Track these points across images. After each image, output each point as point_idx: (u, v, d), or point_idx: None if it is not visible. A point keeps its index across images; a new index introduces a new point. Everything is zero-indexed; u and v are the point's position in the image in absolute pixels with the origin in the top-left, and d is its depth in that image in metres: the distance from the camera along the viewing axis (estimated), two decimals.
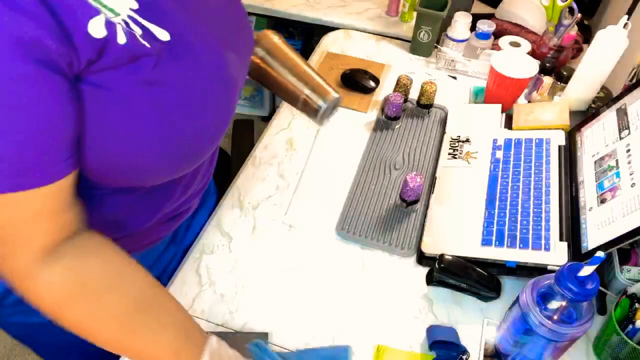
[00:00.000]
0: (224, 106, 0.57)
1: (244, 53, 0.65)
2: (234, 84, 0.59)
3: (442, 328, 0.70)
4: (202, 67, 0.52)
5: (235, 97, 0.60)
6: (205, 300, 0.73)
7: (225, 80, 0.56)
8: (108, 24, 0.42)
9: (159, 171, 0.55)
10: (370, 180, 0.90)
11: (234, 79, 0.58)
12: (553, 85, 1.05)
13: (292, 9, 1.52)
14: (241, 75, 0.63)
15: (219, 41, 0.55)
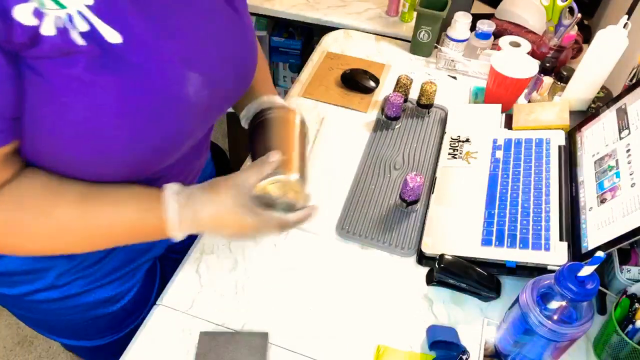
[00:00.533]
0: (171, 125, 0.54)
1: (231, 76, 0.62)
2: (192, 105, 0.55)
3: (442, 328, 0.70)
4: (148, 80, 0.49)
5: (193, 117, 0.57)
6: (205, 300, 0.73)
7: (178, 99, 0.52)
8: (37, 13, 0.41)
9: (97, 175, 0.55)
10: (370, 180, 0.90)
11: (194, 100, 0.54)
12: (553, 85, 1.05)
13: (292, 9, 1.52)
14: (216, 97, 0.60)
15: (182, 60, 0.52)
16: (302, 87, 1.10)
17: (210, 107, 0.59)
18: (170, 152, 0.58)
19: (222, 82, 0.59)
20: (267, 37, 1.89)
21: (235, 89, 0.65)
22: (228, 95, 0.64)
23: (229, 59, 0.60)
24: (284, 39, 1.90)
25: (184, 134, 0.57)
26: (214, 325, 0.70)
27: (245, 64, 0.65)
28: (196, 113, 0.57)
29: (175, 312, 0.72)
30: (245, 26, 0.64)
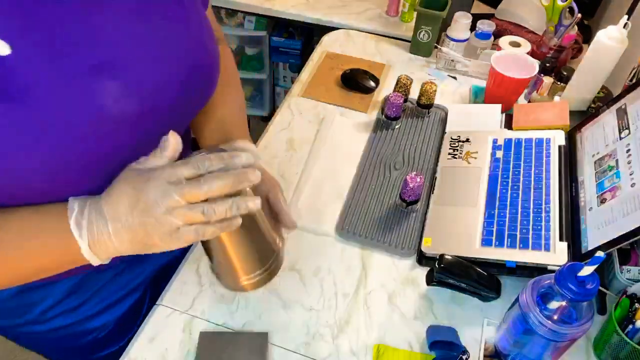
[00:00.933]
0: (90, 143, 0.47)
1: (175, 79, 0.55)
2: (114, 117, 0.48)
3: (442, 328, 0.70)
4: (49, 96, 0.43)
5: (122, 131, 0.49)
6: (205, 300, 0.73)
7: (89, 113, 0.46)
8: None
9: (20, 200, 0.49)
10: (370, 180, 0.90)
11: (115, 111, 0.48)
12: (553, 85, 1.05)
13: (292, 9, 1.52)
14: (157, 105, 0.53)
15: (94, 68, 0.46)
16: (302, 87, 1.10)
17: (147, 116, 0.52)
18: (106, 172, 0.50)
19: (160, 87, 0.53)
20: (267, 37, 1.89)
21: (187, 94, 0.58)
22: (178, 103, 0.57)
23: (169, 61, 0.53)
24: (284, 39, 1.90)
25: (116, 150, 0.50)
26: (214, 325, 0.70)
27: (195, 65, 0.57)
28: (126, 126, 0.50)
29: (175, 312, 0.72)
30: (193, 23, 0.57)
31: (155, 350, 0.68)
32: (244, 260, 0.55)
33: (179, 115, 0.59)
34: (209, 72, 0.61)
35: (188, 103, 0.59)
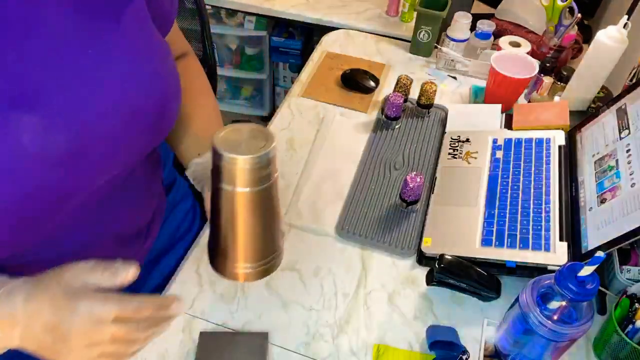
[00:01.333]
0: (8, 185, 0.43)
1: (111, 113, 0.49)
2: (33, 155, 0.43)
3: (442, 328, 0.70)
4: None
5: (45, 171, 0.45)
6: (205, 300, 0.73)
7: (6, 150, 0.42)
8: None
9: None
10: (370, 180, 0.90)
11: (33, 149, 0.43)
12: (553, 85, 1.05)
13: (292, 9, 1.52)
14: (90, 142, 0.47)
15: (13, 101, 0.42)
16: (302, 87, 1.10)
17: (78, 156, 0.47)
18: (31, 218, 0.45)
19: (94, 123, 0.47)
20: (267, 37, 1.89)
21: (132, 130, 0.52)
22: (122, 140, 0.51)
23: (106, 92, 0.48)
24: (284, 39, 1.90)
25: (40, 192, 0.45)
26: (214, 325, 0.70)
27: (144, 95, 0.52)
28: (51, 165, 0.45)
29: None
30: (137, 49, 0.51)
31: (155, 350, 0.68)
32: (248, 241, 0.53)
33: (125, 155, 0.54)
34: (162, 102, 0.55)
35: (137, 139, 0.54)
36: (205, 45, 1.23)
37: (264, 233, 0.54)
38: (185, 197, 0.87)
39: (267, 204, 0.51)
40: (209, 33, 1.22)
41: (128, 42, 0.50)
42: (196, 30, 1.26)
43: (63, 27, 0.45)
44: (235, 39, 1.93)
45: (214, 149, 0.47)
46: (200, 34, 1.23)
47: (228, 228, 0.52)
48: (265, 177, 0.49)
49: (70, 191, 0.48)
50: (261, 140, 0.49)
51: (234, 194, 0.49)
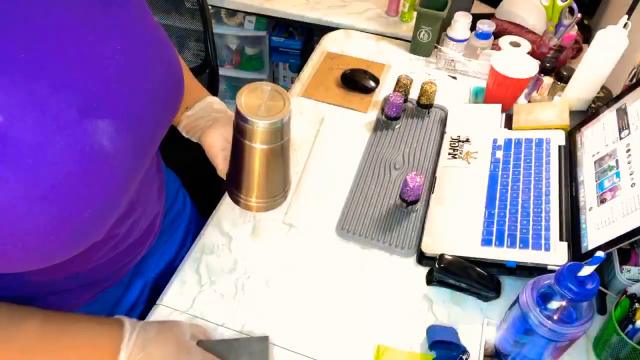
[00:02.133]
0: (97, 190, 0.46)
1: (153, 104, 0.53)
2: (113, 156, 0.46)
3: (442, 328, 0.70)
4: (46, 150, 0.41)
5: (119, 170, 0.48)
6: (205, 300, 0.73)
7: (91, 157, 0.44)
8: None
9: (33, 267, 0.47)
10: (370, 180, 0.90)
11: (112, 150, 0.46)
12: (553, 85, 1.05)
13: (292, 9, 1.52)
14: (140, 135, 0.51)
15: (82, 110, 0.44)
16: (302, 87, 1.10)
17: (135, 148, 0.51)
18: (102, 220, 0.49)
19: (141, 113, 0.51)
20: (267, 37, 1.89)
21: (161, 111, 0.56)
22: (157, 120, 0.56)
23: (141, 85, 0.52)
24: (284, 39, 1.90)
25: (119, 191, 0.49)
26: (213, 325, 0.70)
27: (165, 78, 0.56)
28: (123, 161, 0.49)
29: (175, 312, 0.72)
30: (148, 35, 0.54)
31: None
32: (263, 183, 0.64)
33: (159, 137, 0.59)
34: (178, 81, 0.59)
35: (166, 120, 0.59)
36: (207, 46, 1.23)
37: (275, 177, 0.65)
38: (173, 180, 0.88)
39: (279, 156, 0.61)
40: (211, 34, 1.22)
41: (139, 32, 0.52)
42: (197, 30, 1.26)
43: (89, 31, 0.46)
44: (235, 39, 1.93)
45: (238, 111, 0.56)
46: (202, 35, 1.23)
47: (246, 171, 0.62)
48: (280, 136, 0.58)
49: (135, 178, 0.53)
50: (279, 100, 0.57)
51: (253, 148, 0.58)
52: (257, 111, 0.56)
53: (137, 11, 0.53)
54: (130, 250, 0.67)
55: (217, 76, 1.28)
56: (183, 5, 1.28)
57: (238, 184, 0.65)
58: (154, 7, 1.29)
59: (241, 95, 0.57)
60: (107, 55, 0.47)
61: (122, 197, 0.51)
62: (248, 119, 0.55)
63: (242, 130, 0.57)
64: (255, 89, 0.58)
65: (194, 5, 1.23)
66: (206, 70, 1.26)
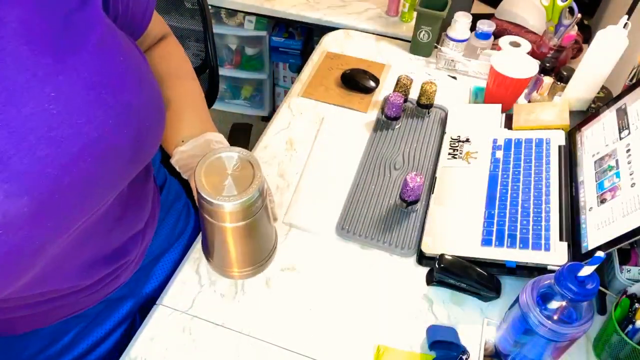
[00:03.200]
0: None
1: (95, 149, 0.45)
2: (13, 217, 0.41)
3: (442, 328, 0.70)
4: None
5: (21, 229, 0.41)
6: (205, 300, 0.73)
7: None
8: None
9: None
10: (370, 180, 0.90)
11: (13, 211, 0.40)
12: (553, 85, 1.05)
13: (292, 9, 1.52)
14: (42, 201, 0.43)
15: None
16: (302, 87, 1.10)
17: (49, 209, 0.44)
18: (11, 275, 0.43)
19: (59, 175, 0.43)
20: (267, 37, 1.89)
21: (102, 167, 0.47)
22: (95, 177, 0.47)
23: (73, 137, 0.43)
24: (284, 39, 1.90)
25: (18, 252, 0.42)
26: (213, 325, 0.70)
27: (117, 130, 0.47)
28: (18, 227, 0.41)
29: (175, 312, 0.72)
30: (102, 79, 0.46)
31: (155, 350, 0.68)
32: (242, 256, 0.57)
33: (100, 192, 0.50)
34: (137, 135, 0.50)
35: (112, 175, 0.50)
36: (207, 46, 1.23)
37: (254, 248, 0.56)
38: (178, 196, 0.86)
39: (256, 228, 0.52)
40: (211, 34, 1.21)
41: (95, 77, 0.45)
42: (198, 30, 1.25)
43: (21, 73, 0.39)
44: (235, 39, 1.93)
45: (199, 191, 0.47)
46: (202, 35, 1.23)
47: (220, 246, 0.54)
48: (255, 209, 0.50)
49: (47, 241, 0.45)
50: (247, 169, 0.48)
51: (224, 228, 0.50)
52: (222, 189, 0.47)
53: (101, 50, 0.45)
54: (98, 282, 0.64)
55: (217, 76, 1.27)
56: (183, 5, 1.28)
57: (214, 256, 0.58)
58: None
59: (200, 170, 0.47)
60: (36, 104, 0.40)
61: (21, 261, 0.43)
62: (212, 202, 0.46)
63: (207, 211, 0.49)
64: (217, 159, 0.49)
65: (194, 5, 1.23)
66: (206, 70, 1.26)
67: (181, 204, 0.86)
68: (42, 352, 0.67)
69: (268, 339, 0.69)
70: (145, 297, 0.78)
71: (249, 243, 0.55)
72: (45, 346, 0.68)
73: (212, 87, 1.29)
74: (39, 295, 0.56)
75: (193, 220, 0.88)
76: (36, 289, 0.53)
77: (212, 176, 0.47)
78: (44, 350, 0.67)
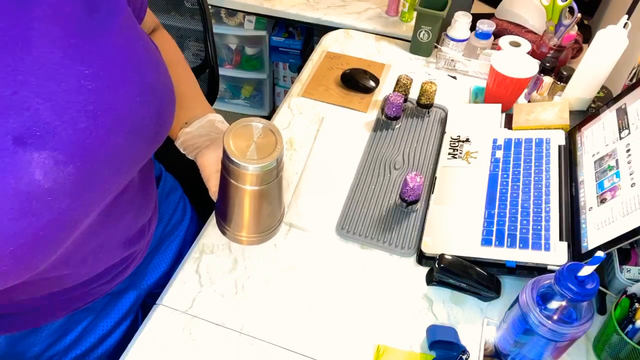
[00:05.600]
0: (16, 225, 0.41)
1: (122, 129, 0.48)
2: (47, 191, 0.43)
3: (442, 328, 0.70)
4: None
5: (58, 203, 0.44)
6: (205, 300, 0.73)
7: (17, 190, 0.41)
8: None
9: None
10: (370, 180, 0.90)
11: (49, 184, 0.42)
12: (553, 85, 1.05)
13: (292, 9, 1.52)
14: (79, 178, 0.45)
15: (17, 140, 0.40)
16: (302, 87, 1.10)
17: (85, 183, 0.46)
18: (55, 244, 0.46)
19: (97, 146, 0.46)
20: (267, 37, 1.89)
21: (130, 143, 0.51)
22: (123, 152, 0.50)
23: (106, 113, 0.47)
24: (284, 39, 1.90)
25: (58, 221, 0.45)
26: (213, 325, 0.70)
27: (143, 108, 0.51)
28: (63, 196, 0.44)
29: (175, 312, 0.72)
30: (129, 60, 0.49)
31: (155, 350, 0.68)
32: (253, 221, 0.61)
33: (128, 168, 0.53)
34: (160, 112, 0.54)
35: (138, 151, 0.54)
36: (207, 46, 1.23)
37: (265, 214, 0.61)
38: (174, 189, 0.87)
39: (271, 195, 0.58)
40: (211, 33, 1.21)
41: (122, 57, 0.49)
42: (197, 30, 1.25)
43: (53, 51, 0.42)
44: (235, 38, 1.93)
45: (226, 152, 0.52)
46: (202, 34, 1.23)
47: (235, 209, 0.59)
48: (273, 176, 0.55)
49: (82, 214, 0.48)
50: (270, 137, 0.54)
51: (244, 189, 0.55)
52: (246, 152, 0.52)
53: (122, 28, 0.49)
54: (107, 272, 0.65)
55: (217, 76, 1.27)
56: (183, 5, 1.28)
57: (227, 219, 0.61)
58: (153, 7, 1.29)
59: (229, 134, 0.52)
60: (72, 79, 0.43)
61: (60, 232, 0.46)
62: (238, 162, 0.51)
63: (230, 172, 0.53)
64: (244, 127, 0.54)
65: (194, 5, 1.23)
66: (206, 70, 1.26)
67: (177, 197, 0.87)
68: (50, 347, 0.68)
69: (268, 339, 0.69)
70: (147, 289, 0.79)
71: (261, 208, 0.59)
72: (53, 341, 0.68)
73: (212, 86, 1.29)
74: (56, 281, 0.58)
75: (189, 212, 0.89)
76: (55, 271, 0.55)
77: (238, 141, 0.53)
78: (52, 345, 0.68)
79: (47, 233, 0.44)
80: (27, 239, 0.42)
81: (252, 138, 0.53)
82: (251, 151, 0.52)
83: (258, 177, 0.53)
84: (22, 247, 0.42)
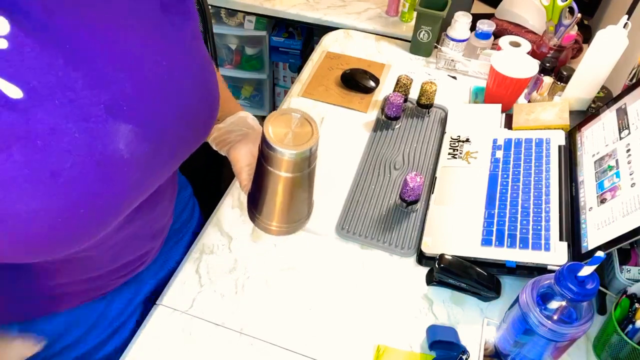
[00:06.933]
0: (98, 189, 0.45)
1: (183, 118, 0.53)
2: (126, 163, 0.46)
3: (442, 328, 0.70)
4: (62, 140, 0.41)
5: (129, 177, 0.47)
6: (205, 300, 0.73)
7: (103, 160, 0.44)
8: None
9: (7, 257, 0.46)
10: (370, 180, 0.90)
11: (127, 157, 0.46)
12: (553, 85, 1.05)
13: (292, 9, 1.52)
14: (164, 147, 0.51)
15: (110, 110, 0.44)
16: (302, 87, 1.10)
17: (152, 161, 0.50)
18: (110, 214, 0.48)
19: (166, 129, 0.51)
20: (267, 37, 1.89)
21: (187, 131, 0.56)
22: (182, 140, 0.55)
23: (175, 100, 0.52)
24: (284, 39, 1.90)
25: (130, 193, 0.49)
26: (213, 325, 0.70)
27: (200, 100, 0.56)
28: (137, 170, 0.48)
29: (175, 312, 0.72)
30: (194, 56, 0.55)
31: (155, 350, 0.68)
32: (285, 210, 0.63)
33: (182, 155, 0.58)
34: (213, 106, 0.60)
35: (192, 140, 0.59)
36: (207, 46, 1.22)
37: (299, 204, 0.64)
38: (184, 187, 0.88)
39: (304, 184, 0.61)
40: (211, 34, 1.21)
41: (189, 53, 0.54)
42: None
43: (132, 39, 0.47)
44: (235, 38, 1.93)
45: (265, 138, 0.54)
46: (202, 35, 1.23)
47: (269, 197, 0.61)
48: (307, 165, 0.59)
49: (145, 191, 0.53)
50: (306, 127, 0.58)
51: (279, 176, 0.57)
52: (284, 139, 0.55)
53: (193, 34, 0.55)
54: (126, 265, 0.66)
55: None
56: None
57: (260, 207, 0.63)
58: None
59: (269, 122, 0.55)
60: (152, 64, 0.48)
61: (125, 203, 0.50)
62: (275, 148, 0.54)
63: (267, 158, 0.56)
64: (283, 115, 0.57)
65: None
66: None
67: (187, 194, 0.87)
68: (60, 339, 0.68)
69: (268, 339, 0.69)
70: (156, 284, 0.79)
71: (293, 197, 0.61)
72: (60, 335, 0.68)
73: None
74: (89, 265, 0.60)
75: (197, 214, 0.89)
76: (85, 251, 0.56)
77: (277, 129, 0.55)
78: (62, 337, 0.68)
79: (120, 201, 0.48)
80: (103, 201, 0.46)
81: (290, 127, 0.57)
82: (288, 139, 0.55)
83: (293, 163, 0.56)
84: (99, 210, 0.46)
